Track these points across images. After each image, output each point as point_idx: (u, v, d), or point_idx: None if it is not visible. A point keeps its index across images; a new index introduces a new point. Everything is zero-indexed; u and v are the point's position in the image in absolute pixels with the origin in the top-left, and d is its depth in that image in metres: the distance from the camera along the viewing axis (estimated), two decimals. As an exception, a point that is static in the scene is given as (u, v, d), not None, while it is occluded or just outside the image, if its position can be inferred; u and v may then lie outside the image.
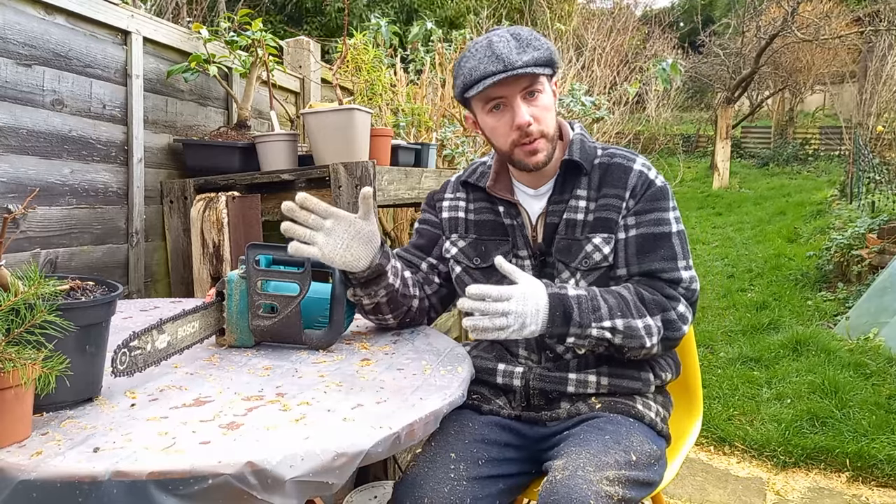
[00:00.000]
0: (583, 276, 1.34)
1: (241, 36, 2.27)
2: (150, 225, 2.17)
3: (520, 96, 1.28)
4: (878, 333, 3.88)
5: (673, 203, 1.36)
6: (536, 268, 1.38)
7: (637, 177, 1.34)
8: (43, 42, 1.77)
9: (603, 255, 1.33)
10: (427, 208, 1.55)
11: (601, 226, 1.34)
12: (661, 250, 1.31)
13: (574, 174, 1.37)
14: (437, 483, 1.16)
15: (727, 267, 6.57)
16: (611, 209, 1.33)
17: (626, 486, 1.12)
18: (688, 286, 1.31)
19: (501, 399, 1.40)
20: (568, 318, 1.21)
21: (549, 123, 1.31)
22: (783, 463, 2.67)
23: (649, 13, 12.91)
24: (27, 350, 0.81)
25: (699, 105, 19.91)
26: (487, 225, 1.43)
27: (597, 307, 1.23)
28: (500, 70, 1.24)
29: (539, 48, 1.27)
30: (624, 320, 1.24)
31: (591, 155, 1.37)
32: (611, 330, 1.23)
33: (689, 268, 1.33)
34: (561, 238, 1.36)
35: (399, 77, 3.26)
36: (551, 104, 1.32)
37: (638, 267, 1.31)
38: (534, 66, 1.25)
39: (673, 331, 1.28)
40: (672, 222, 1.33)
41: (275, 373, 1.14)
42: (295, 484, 0.79)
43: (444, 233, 1.49)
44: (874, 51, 10.28)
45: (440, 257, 1.50)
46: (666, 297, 1.29)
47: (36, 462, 0.77)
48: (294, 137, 2.22)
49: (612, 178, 1.35)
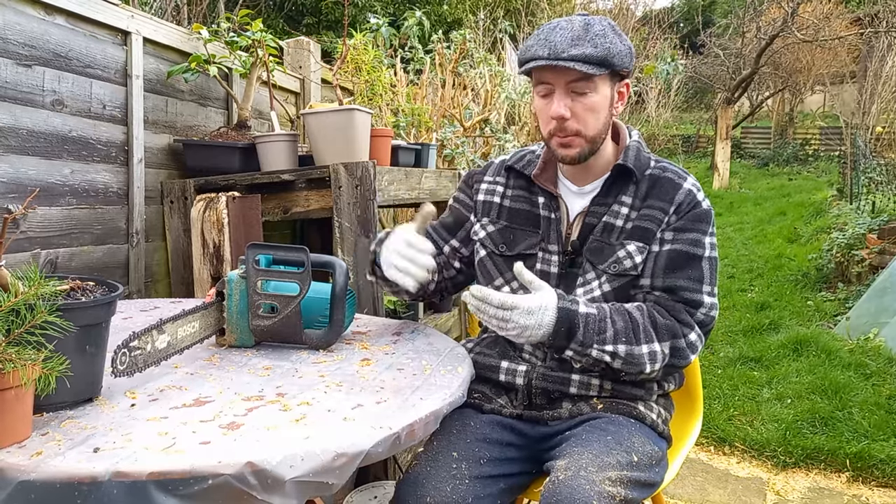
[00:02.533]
0: (608, 281, 1.33)
1: (241, 36, 2.27)
2: (151, 225, 2.17)
3: (564, 88, 1.26)
4: (878, 333, 3.88)
5: (713, 229, 1.35)
6: (564, 265, 1.37)
7: (685, 194, 1.34)
8: (43, 42, 1.77)
9: (633, 264, 1.32)
10: (464, 186, 1.54)
11: (638, 235, 1.33)
12: (690, 270, 1.30)
13: (624, 180, 1.36)
14: (439, 482, 1.16)
15: (727, 267, 6.57)
16: (652, 220, 1.33)
17: (627, 487, 1.12)
18: (707, 312, 1.30)
19: (503, 398, 1.40)
20: (571, 336, 1.22)
21: (592, 125, 1.29)
22: (783, 463, 2.67)
23: (649, 14, 12.90)
24: (27, 350, 0.81)
25: (699, 105, 19.91)
26: (521, 214, 1.43)
27: (602, 329, 1.23)
28: (545, 56, 1.23)
29: (598, 46, 1.23)
30: (627, 346, 1.23)
31: (645, 164, 1.37)
32: (611, 354, 1.23)
33: (713, 295, 1.32)
34: (595, 239, 1.35)
35: (399, 77, 3.26)
36: (600, 106, 1.29)
37: (662, 281, 1.30)
38: (581, 63, 1.22)
39: (679, 359, 1.28)
40: (707, 247, 1.32)
41: (275, 373, 1.14)
42: (295, 484, 0.79)
43: (475, 214, 1.49)
44: (874, 51, 10.28)
45: (465, 239, 1.50)
46: (680, 323, 1.28)
47: (36, 462, 0.76)
48: (294, 138, 2.22)
49: (660, 191, 1.34)
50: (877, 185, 6.97)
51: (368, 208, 1.99)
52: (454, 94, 3.41)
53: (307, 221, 2.95)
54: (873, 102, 9.57)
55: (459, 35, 3.62)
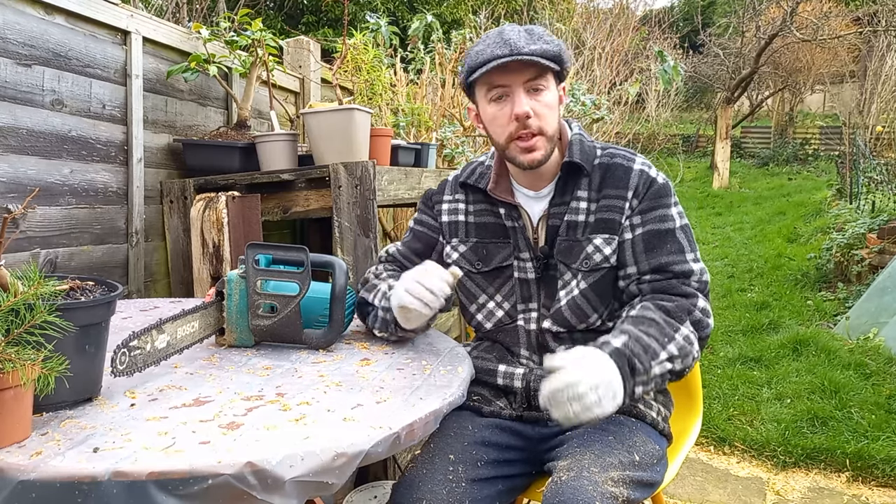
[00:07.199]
0: (584, 277, 1.34)
1: (241, 36, 2.26)
2: (150, 225, 2.17)
3: (523, 88, 1.27)
4: (878, 333, 3.88)
5: (675, 199, 1.35)
6: (539, 269, 1.38)
7: (638, 176, 1.34)
8: (42, 42, 1.76)
9: (604, 256, 1.32)
10: (424, 209, 1.52)
11: (602, 227, 1.33)
12: (668, 245, 1.30)
13: (575, 175, 1.36)
14: (435, 485, 1.16)
15: (727, 267, 6.57)
16: (613, 210, 1.33)
17: (630, 487, 1.12)
18: (699, 278, 1.29)
19: (502, 400, 1.40)
20: (634, 370, 1.13)
21: (550, 122, 1.30)
22: (783, 463, 2.67)
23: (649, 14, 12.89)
24: (27, 350, 0.81)
25: (699, 105, 19.90)
26: (488, 227, 1.42)
27: (646, 345, 1.16)
28: (507, 54, 1.23)
29: (549, 42, 1.26)
30: (673, 344, 1.18)
31: (591, 155, 1.37)
32: (669, 360, 1.17)
33: (698, 260, 1.32)
34: (562, 240, 1.35)
35: (399, 77, 3.26)
36: (555, 104, 1.31)
37: (648, 264, 1.30)
38: (541, 57, 1.24)
39: (702, 329, 1.25)
40: (675, 217, 1.32)
41: (275, 373, 1.14)
42: (295, 484, 0.79)
43: (443, 237, 1.47)
44: (873, 51, 10.28)
45: (437, 262, 1.48)
46: (684, 297, 1.26)
47: (36, 462, 0.76)
48: (294, 137, 2.21)
49: (614, 179, 1.34)
50: (876, 184, 6.97)
51: (368, 208, 1.99)
52: (454, 94, 3.41)
53: (307, 221, 2.95)
54: (873, 102, 9.57)
55: (460, 35, 3.62)
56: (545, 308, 1.37)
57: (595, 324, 1.35)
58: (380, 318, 1.34)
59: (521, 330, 1.39)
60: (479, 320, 1.44)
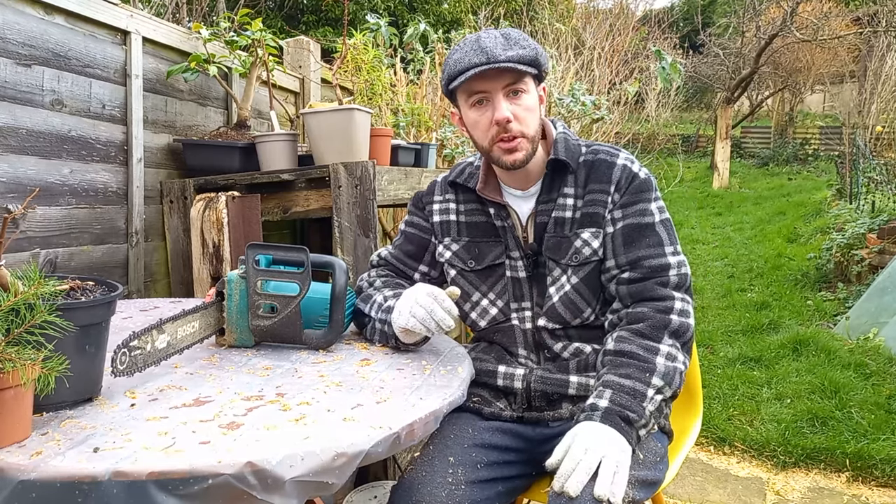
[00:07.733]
0: (574, 272, 1.35)
1: (240, 36, 2.26)
2: (150, 225, 2.17)
3: (502, 92, 1.28)
4: (878, 333, 3.88)
5: (656, 194, 1.36)
6: (529, 267, 1.39)
7: (621, 171, 1.35)
8: (42, 42, 1.76)
9: (592, 250, 1.34)
10: (415, 210, 1.53)
11: (589, 221, 1.34)
12: (647, 238, 1.31)
13: (561, 173, 1.37)
14: (434, 487, 1.16)
15: (727, 267, 6.57)
16: (597, 204, 1.34)
17: (633, 487, 1.12)
18: (678, 272, 1.30)
19: (502, 401, 1.40)
20: (629, 420, 1.15)
21: (531, 124, 1.31)
22: (783, 463, 2.67)
23: (649, 14, 12.91)
24: (27, 350, 0.81)
25: (699, 105, 19.91)
26: (480, 226, 1.44)
27: (630, 388, 1.18)
28: (484, 62, 1.24)
29: (525, 47, 1.28)
30: (653, 374, 1.20)
31: (576, 153, 1.38)
32: (656, 391, 1.19)
33: (678, 253, 1.32)
34: (550, 236, 1.36)
35: (399, 77, 3.26)
36: (535, 106, 1.32)
37: (625, 257, 1.31)
38: (517, 63, 1.25)
39: (683, 335, 1.26)
40: (656, 212, 1.33)
41: (275, 373, 1.14)
42: (295, 484, 0.79)
43: (435, 237, 1.49)
44: (873, 51, 10.28)
45: (431, 263, 1.49)
46: (660, 301, 1.26)
47: (36, 462, 0.76)
48: (294, 137, 2.22)
49: (598, 174, 1.36)
50: (876, 184, 6.97)
51: (368, 208, 1.99)
52: (454, 94, 3.41)
53: (307, 221, 2.95)
54: (873, 102, 9.57)
55: (460, 35, 3.62)
56: (538, 306, 1.38)
57: (589, 318, 1.36)
58: (378, 330, 1.35)
59: (518, 330, 1.40)
60: (473, 318, 1.45)
